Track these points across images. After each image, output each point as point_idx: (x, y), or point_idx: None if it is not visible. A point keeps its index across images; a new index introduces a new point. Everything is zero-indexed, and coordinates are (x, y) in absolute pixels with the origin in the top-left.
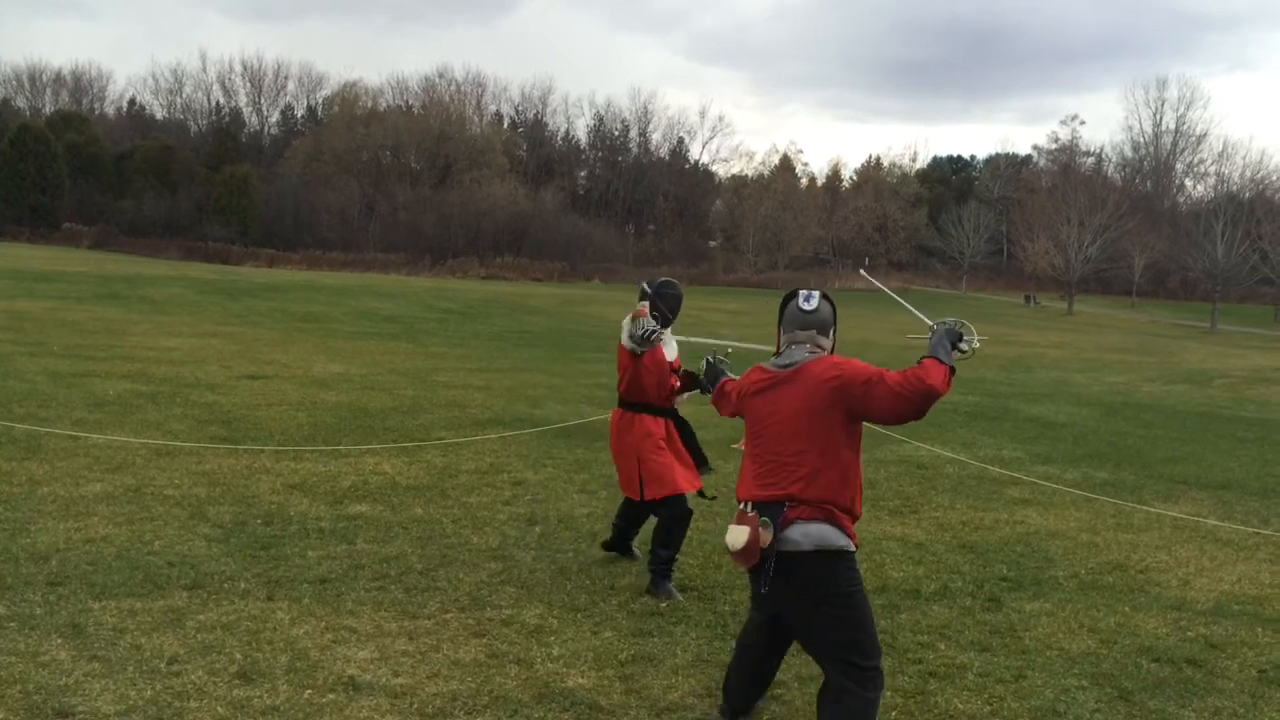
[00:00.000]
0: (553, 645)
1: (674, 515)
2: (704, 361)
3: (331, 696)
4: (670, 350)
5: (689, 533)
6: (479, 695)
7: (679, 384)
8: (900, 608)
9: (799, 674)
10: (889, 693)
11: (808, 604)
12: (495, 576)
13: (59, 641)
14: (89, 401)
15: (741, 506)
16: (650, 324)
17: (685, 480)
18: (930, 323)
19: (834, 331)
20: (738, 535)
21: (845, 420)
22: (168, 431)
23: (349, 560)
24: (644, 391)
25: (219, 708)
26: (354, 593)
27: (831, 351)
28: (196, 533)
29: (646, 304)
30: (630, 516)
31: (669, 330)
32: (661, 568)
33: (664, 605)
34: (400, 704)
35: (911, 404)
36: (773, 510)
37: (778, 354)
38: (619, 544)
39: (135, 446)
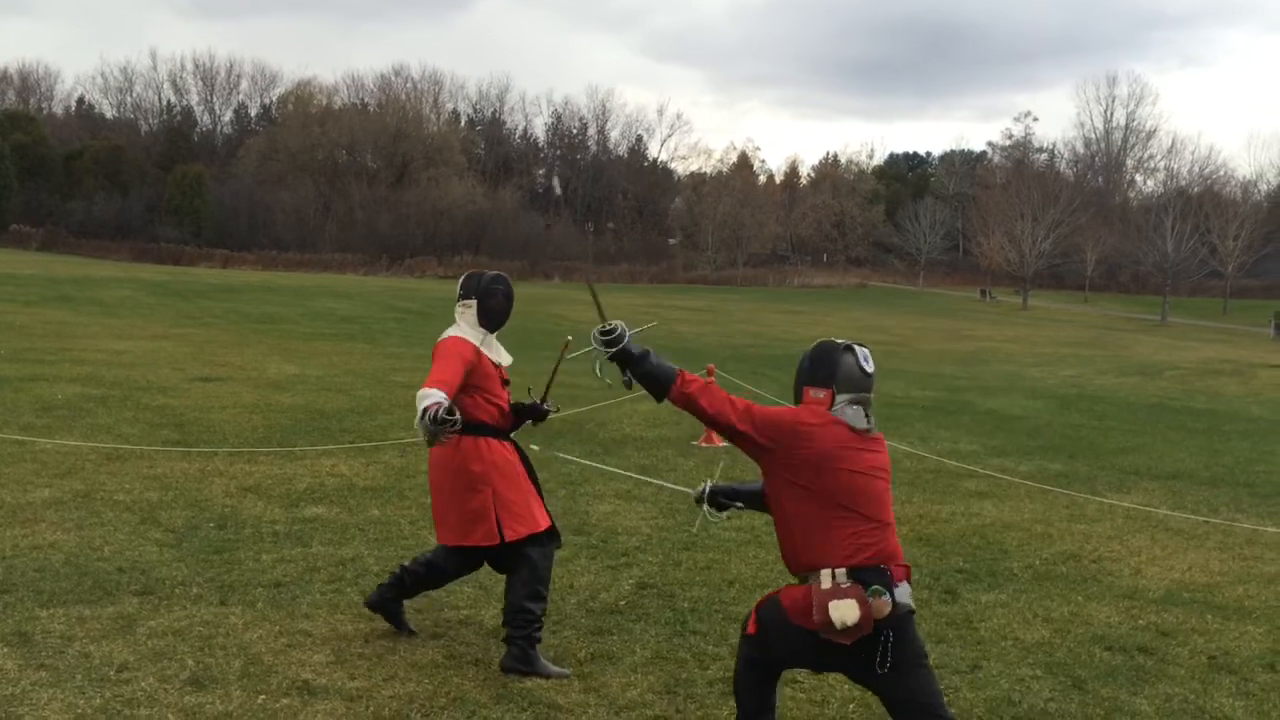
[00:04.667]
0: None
1: (545, 554)
2: (704, 488)
3: (286, 701)
4: (503, 355)
5: (646, 529)
6: (436, 697)
7: (509, 409)
8: None
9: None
10: (846, 686)
11: (910, 666)
12: None
13: (5, 650)
14: (37, 405)
15: (833, 576)
16: (434, 418)
17: (543, 515)
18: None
19: None
20: (848, 611)
21: None
22: (118, 435)
23: (304, 563)
24: (430, 373)
25: (170, 715)
26: (309, 596)
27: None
28: (148, 538)
29: (441, 399)
30: (455, 565)
31: (495, 334)
32: (535, 631)
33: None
34: (356, 707)
35: None
36: (880, 576)
37: (831, 406)
38: (397, 602)
39: (85, 451)
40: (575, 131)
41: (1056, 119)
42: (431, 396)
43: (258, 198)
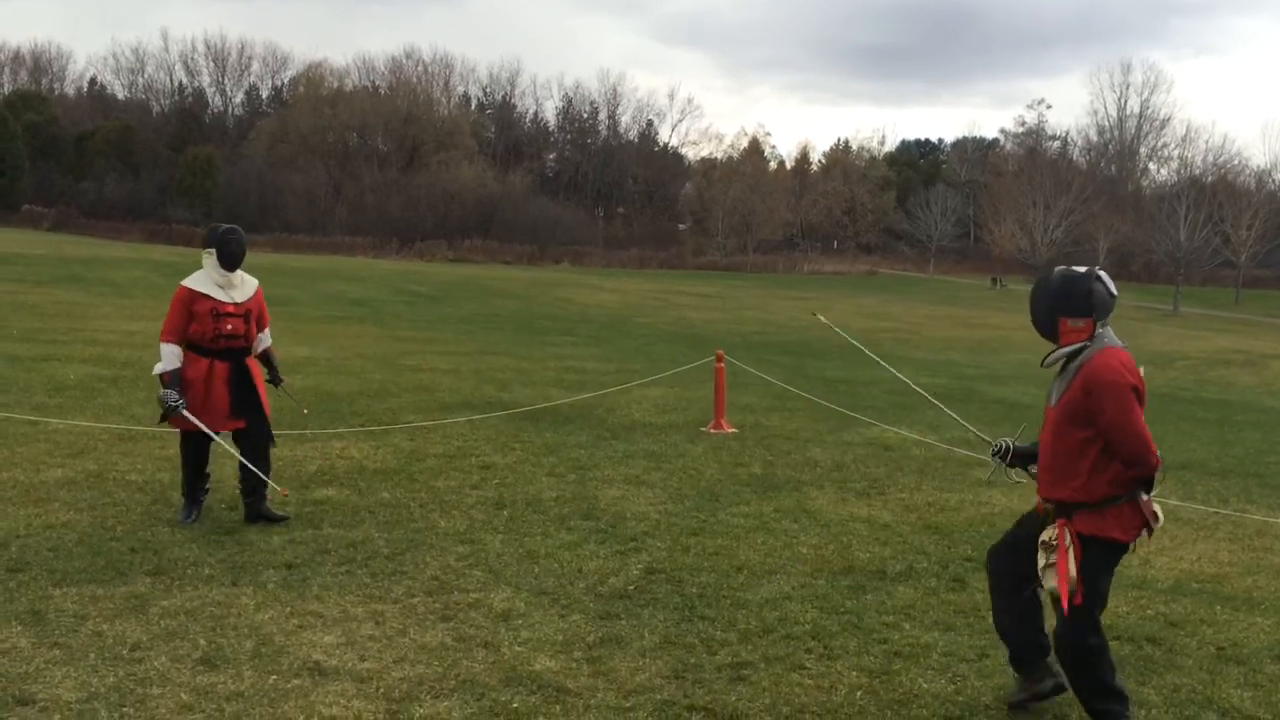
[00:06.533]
0: (520, 629)
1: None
2: (1004, 444)
3: (297, 681)
4: (244, 291)
5: (656, 515)
6: (445, 679)
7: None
8: (866, 588)
9: (766, 655)
10: (854, 673)
11: None
12: (462, 560)
13: (19, 629)
14: (49, 386)
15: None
16: (171, 398)
17: (216, 423)
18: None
19: None
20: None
21: None
22: (130, 416)
23: (315, 545)
24: (163, 326)
25: (182, 694)
26: (320, 578)
27: None
28: (160, 518)
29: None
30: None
31: (240, 271)
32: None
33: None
34: (366, 688)
35: None
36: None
37: (1091, 339)
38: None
39: (97, 431)
40: (586, 116)
41: (1070, 106)
42: (170, 364)
43: (268, 180)
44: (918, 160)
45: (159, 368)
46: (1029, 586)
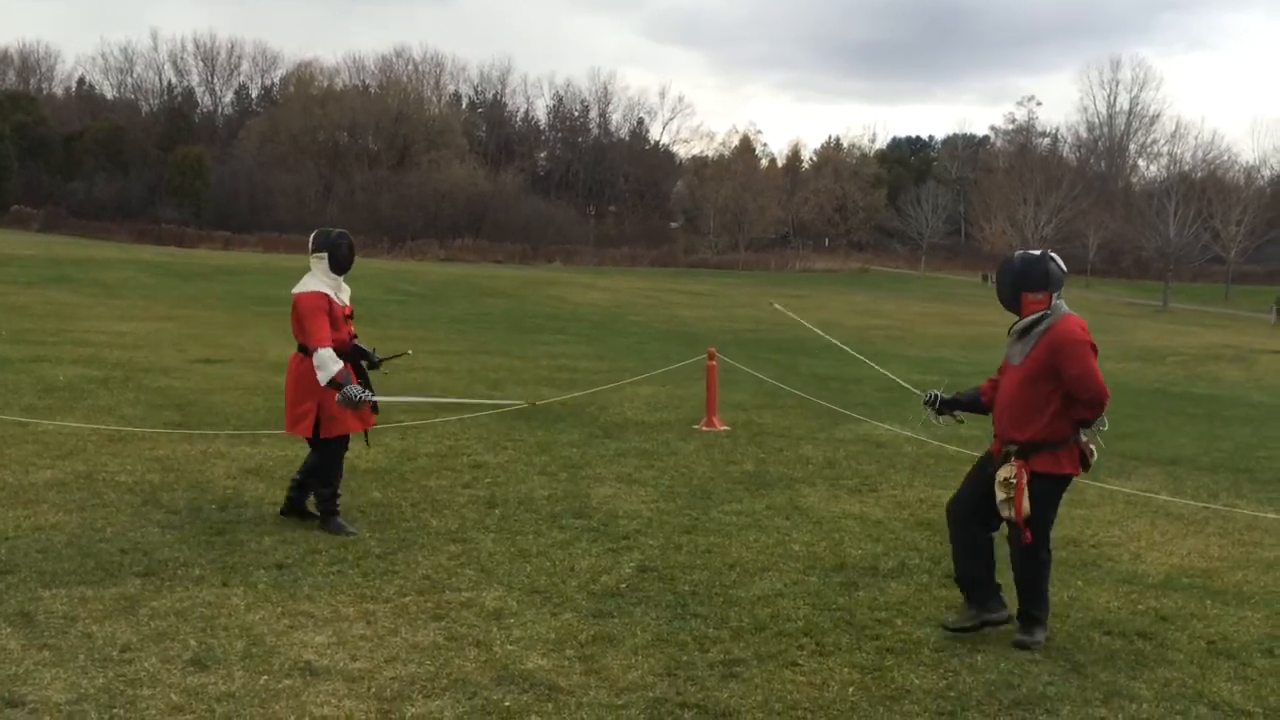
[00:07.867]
0: (512, 627)
1: (334, 454)
2: (933, 394)
3: (288, 682)
4: (347, 295)
5: (648, 513)
6: (437, 678)
7: (352, 340)
8: (858, 585)
9: (758, 652)
10: (846, 669)
11: None
12: (454, 559)
13: (8, 630)
14: (39, 387)
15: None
16: (356, 393)
17: (355, 422)
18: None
19: None
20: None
21: None
22: (120, 417)
23: (305, 545)
24: (311, 336)
25: (173, 695)
26: (310, 578)
27: None
28: (150, 519)
29: (340, 369)
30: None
31: (342, 277)
32: (329, 505)
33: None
34: (358, 688)
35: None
36: None
37: (1049, 309)
38: (300, 504)
39: (86, 432)
40: (576, 114)
41: (1060, 103)
42: (336, 364)
43: (258, 179)
44: (909, 157)
45: (330, 372)
46: (984, 533)
